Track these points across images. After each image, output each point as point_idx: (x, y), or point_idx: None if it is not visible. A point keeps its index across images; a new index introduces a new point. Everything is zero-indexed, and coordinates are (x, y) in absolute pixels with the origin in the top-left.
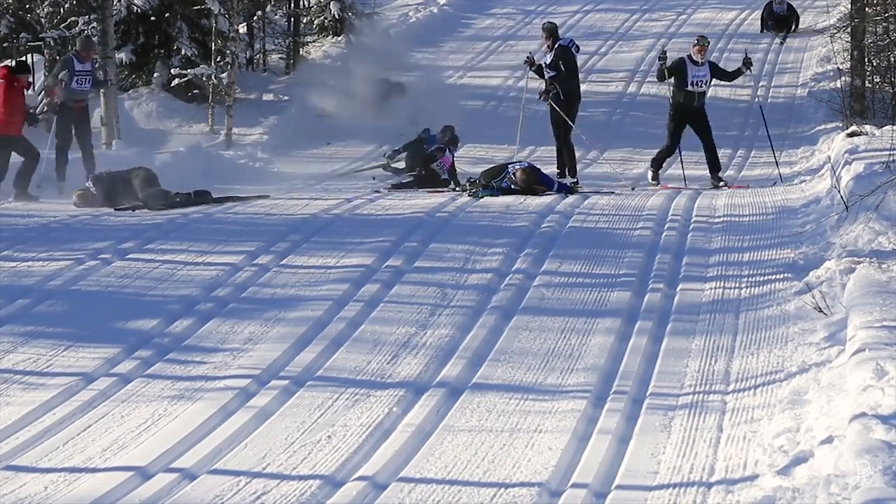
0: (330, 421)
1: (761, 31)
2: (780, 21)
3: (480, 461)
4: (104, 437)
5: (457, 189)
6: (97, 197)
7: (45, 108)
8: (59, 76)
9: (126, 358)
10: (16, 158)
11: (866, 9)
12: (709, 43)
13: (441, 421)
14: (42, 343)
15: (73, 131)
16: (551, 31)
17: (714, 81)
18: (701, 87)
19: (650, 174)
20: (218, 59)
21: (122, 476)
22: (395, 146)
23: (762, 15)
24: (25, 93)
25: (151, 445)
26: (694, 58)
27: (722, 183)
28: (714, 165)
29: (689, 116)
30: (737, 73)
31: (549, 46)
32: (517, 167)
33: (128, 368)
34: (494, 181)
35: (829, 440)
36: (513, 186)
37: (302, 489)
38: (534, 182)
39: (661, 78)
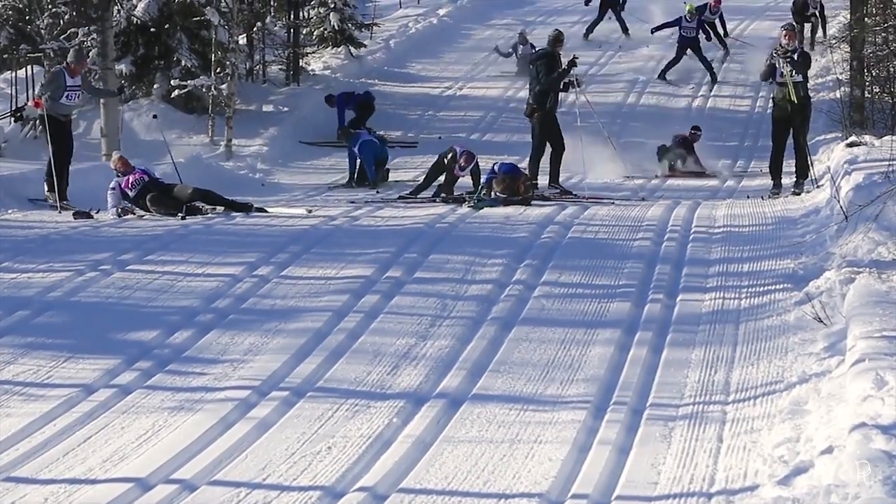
0: (330, 432)
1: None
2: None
3: (480, 472)
4: (104, 448)
5: (437, 199)
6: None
7: (21, 115)
8: (49, 91)
9: (126, 369)
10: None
11: (865, 19)
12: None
13: (441, 432)
14: (42, 354)
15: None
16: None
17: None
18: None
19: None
20: (218, 70)
21: (123, 487)
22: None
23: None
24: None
25: (152, 456)
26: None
27: (799, 191)
28: (798, 170)
29: (785, 112)
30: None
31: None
32: (496, 174)
33: (128, 380)
34: (476, 198)
35: (829, 450)
36: (497, 194)
37: (302, 500)
38: (516, 185)
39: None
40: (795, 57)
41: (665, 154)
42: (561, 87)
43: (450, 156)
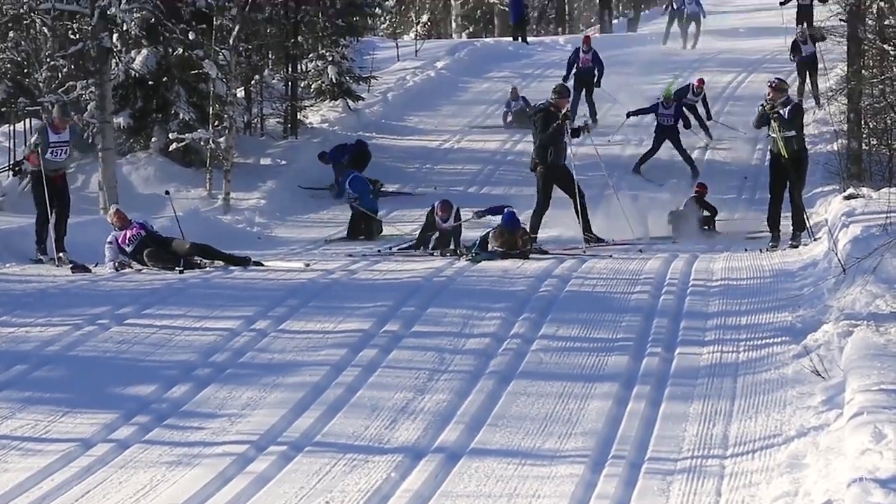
0: (328, 486)
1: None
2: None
3: None
4: (102, 503)
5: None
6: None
7: (19, 169)
8: (32, 146)
9: (124, 424)
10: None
11: (863, 71)
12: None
13: (439, 486)
14: (40, 409)
15: (49, 203)
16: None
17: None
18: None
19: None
20: (216, 124)
21: None
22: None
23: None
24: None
25: None
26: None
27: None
28: (795, 224)
29: (780, 166)
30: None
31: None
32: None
33: (126, 434)
34: (474, 251)
35: None
36: (496, 248)
37: None
38: (514, 239)
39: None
40: (785, 113)
41: (677, 220)
42: (571, 133)
43: (430, 211)
